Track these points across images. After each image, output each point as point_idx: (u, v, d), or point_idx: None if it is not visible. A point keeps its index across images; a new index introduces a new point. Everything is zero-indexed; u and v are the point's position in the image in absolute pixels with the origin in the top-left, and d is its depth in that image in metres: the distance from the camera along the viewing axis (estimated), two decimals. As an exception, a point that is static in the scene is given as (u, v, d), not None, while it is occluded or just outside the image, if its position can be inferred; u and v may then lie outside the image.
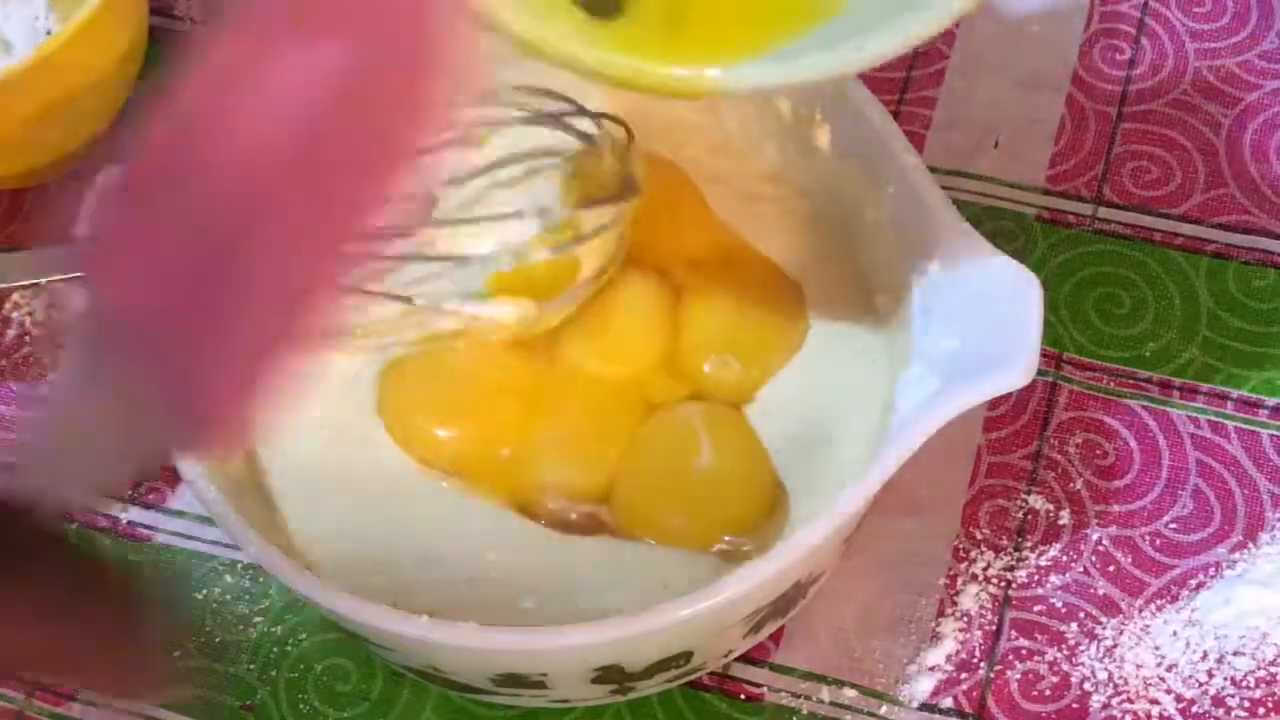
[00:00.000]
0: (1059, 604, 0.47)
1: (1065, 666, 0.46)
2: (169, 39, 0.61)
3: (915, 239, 0.45)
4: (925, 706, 0.46)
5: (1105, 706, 0.45)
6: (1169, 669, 0.45)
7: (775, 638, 0.47)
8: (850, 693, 0.46)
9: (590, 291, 0.48)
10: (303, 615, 0.48)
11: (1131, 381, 0.50)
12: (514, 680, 0.43)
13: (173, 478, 0.51)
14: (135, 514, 0.51)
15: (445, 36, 0.22)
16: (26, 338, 0.55)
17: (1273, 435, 0.49)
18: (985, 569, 0.47)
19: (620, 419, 0.47)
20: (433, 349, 0.48)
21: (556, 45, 0.39)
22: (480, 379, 0.48)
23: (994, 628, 0.47)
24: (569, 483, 0.46)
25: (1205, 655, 0.46)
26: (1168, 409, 0.50)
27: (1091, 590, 0.47)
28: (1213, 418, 0.50)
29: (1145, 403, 0.50)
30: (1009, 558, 0.48)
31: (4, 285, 0.47)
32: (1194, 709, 0.45)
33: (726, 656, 0.46)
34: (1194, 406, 0.50)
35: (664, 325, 0.48)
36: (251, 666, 0.48)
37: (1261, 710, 0.45)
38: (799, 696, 0.46)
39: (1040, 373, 0.41)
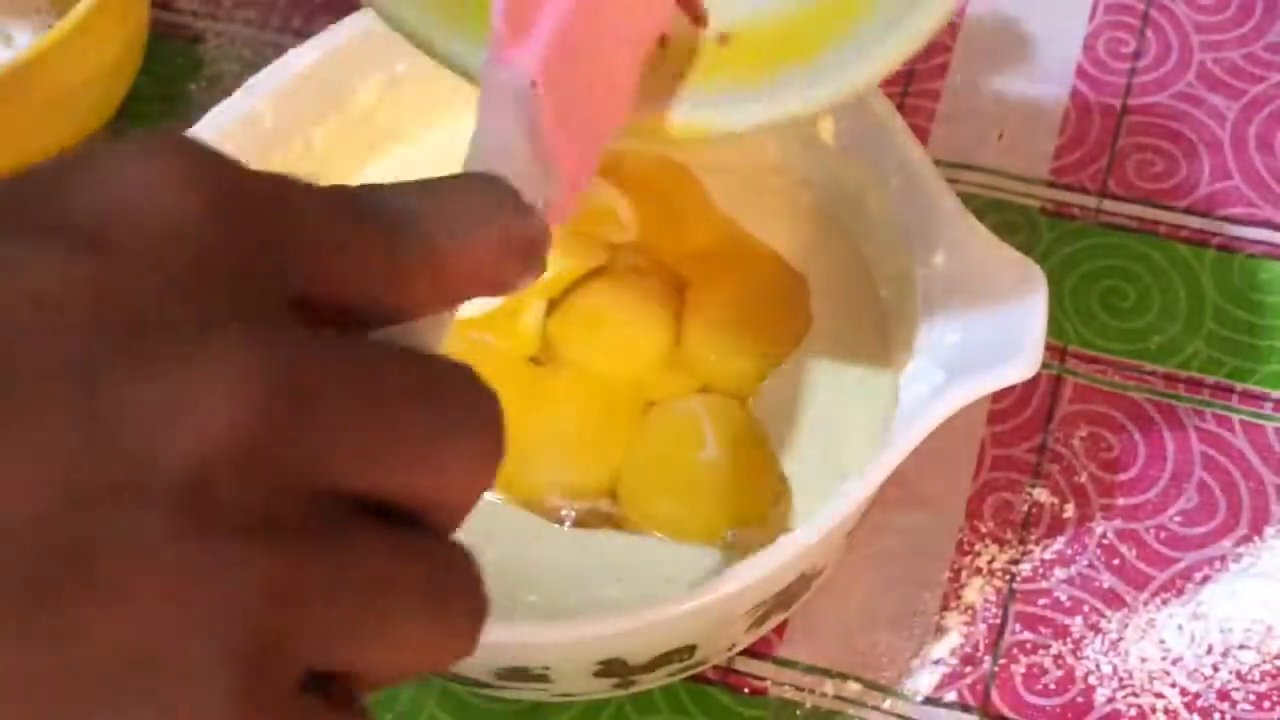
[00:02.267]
0: (1063, 597, 0.47)
1: (1070, 660, 0.46)
2: (170, 33, 0.60)
3: (919, 231, 0.44)
4: (929, 700, 0.45)
5: (1110, 700, 0.45)
6: (1174, 662, 0.45)
7: (779, 631, 0.47)
8: (854, 686, 0.46)
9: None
10: (305, 609, 0.48)
11: (1136, 374, 0.50)
12: (517, 674, 0.43)
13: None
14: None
15: None
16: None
17: (1278, 428, 0.49)
18: (989, 562, 0.47)
19: (620, 418, 0.47)
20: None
21: None
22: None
23: (998, 621, 0.46)
24: (568, 482, 0.46)
25: (1210, 649, 0.45)
26: (1173, 402, 0.50)
27: (1096, 584, 0.47)
28: (1218, 411, 0.49)
29: (1150, 396, 0.50)
30: (1013, 551, 0.48)
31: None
32: (1199, 702, 0.45)
33: (730, 650, 0.46)
34: (1199, 399, 0.50)
35: (665, 321, 0.48)
36: (254, 660, 0.48)
37: (1266, 704, 0.45)
38: (803, 690, 0.46)
39: (1045, 366, 0.41)
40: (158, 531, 0.20)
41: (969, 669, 0.46)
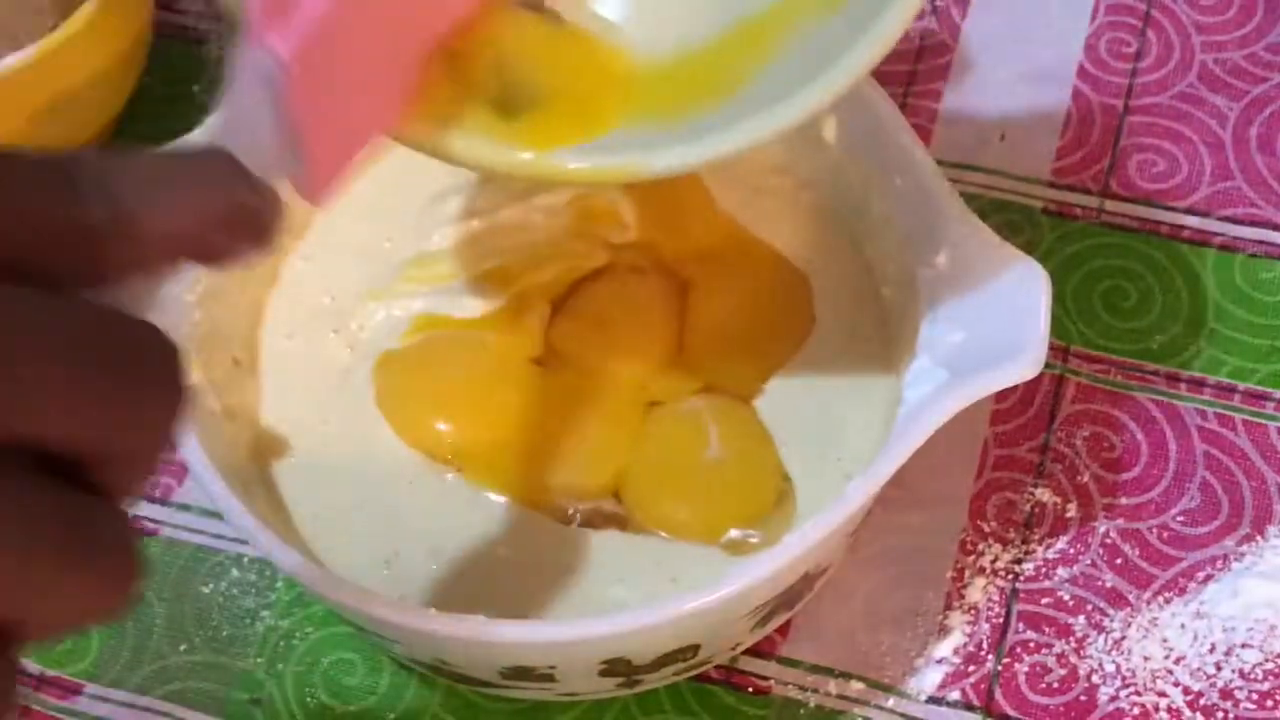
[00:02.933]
0: (1066, 597, 0.47)
1: (1073, 659, 0.46)
2: (173, 33, 0.61)
3: (922, 231, 0.45)
4: (933, 699, 0.46)
5: (1113, 699, 0.45)
6: (1177, 661, 0.45)
7: (782, 631, 0.47)
8: (857, 685, 0.46)
9: None
10: (310, 609, 0.48)
11: (1139, 374, 0.50)
12: (521, 673, 0.43)
13: (180, 471, 0.51)
14: (142, 508, 0.51)
15: None
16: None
17: (1280, 427, 0.49)
18: (993, 562, 0.47)
19: (623, 419, 0.47)
20: (424, 340, 0.48)
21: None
22: (474, 370, 0.48)
23: (1001, 620, 0.46)
24: (572, 483, 0.46)
25: (1213, 648, 0.46)
26: (1175, 401, 0.50)
27: (1099, 583, 0.47)
28: (1220, 410, 0.49)
29: (1152, 395, 0.50)
30: (1016, 551, 0.48)
31: None
32: (1202, 701, 0.45)
33: (734, 649, 0.46)
34: (1201, 399, 0.50)
35: (668, 321, 0.48)
36: (259, 660, 0.48)
37: (1269, 703, 0.45)
38: (806, 689, 0.46)
39: (1047, 365, 0.41)
40: None
41: (972, 668, 0.46)
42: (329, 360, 0.49)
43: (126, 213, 0.25)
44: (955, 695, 0.46)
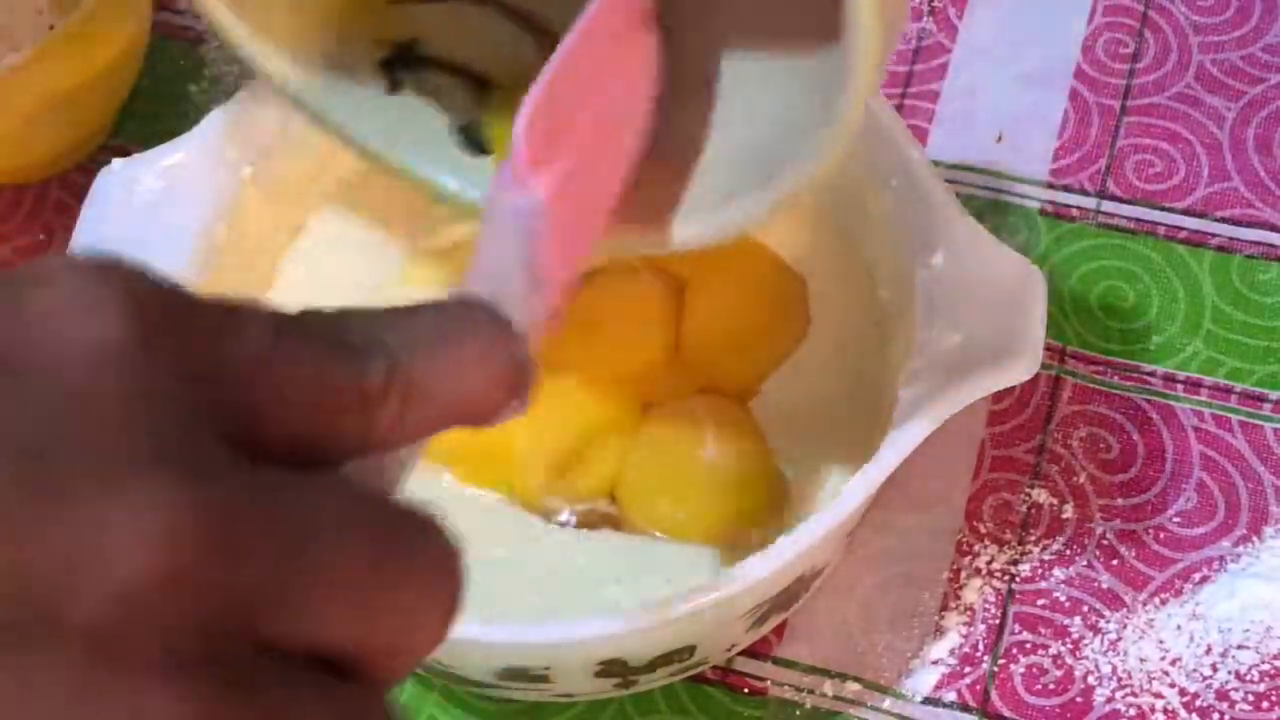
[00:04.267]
0: (1063, 598, 0.47)
1: (1069, 660, 0.46)
2: (172, 33, 0.61)
3: (919, 233, 0.44)
4: (929, 700, 0.46)
5: (1109, 700, 0.45)
6: (1173, 663, 0.45)
7: (779, 632, 0.47)
8: (854, 686, 0.46)
9: None
10: (306, 609, 0.48)
11: (1135, 375, 0.50)
12: (518, 674, 0.43)
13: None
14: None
15: None
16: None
17: (1277, 429, 0.49)
18: (989, 563, 0.47)
19: (619, 419, 0.47)
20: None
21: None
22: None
23: (998, 621, 0.47)
24: (568, 483, 0.46)
25: (1209, 649, 0.46)
26: (1172, 403, 0.50)
27: (1095, 584, 0.47)
28: (1217, 411, 0.49)
29: (1149, 396, 0.50)
30: (1012, 551, 0.48)
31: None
32: (1198, 702, 0.45)
33: (730, 650, 0.46)
34: (1198, 400, 0.50)
35: (664, 322, 0.48)
36: (255, 661, 0.48)
37: (1265, 704, 0.45)
38: (802, 690, 0.46)
39: (1044, 366, 0.41)
40: (61, 679, 0.18)
41: (968, 669, 0.46)
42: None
43: (407, 372, 0.23)
44: (951, 696, 0.46)
